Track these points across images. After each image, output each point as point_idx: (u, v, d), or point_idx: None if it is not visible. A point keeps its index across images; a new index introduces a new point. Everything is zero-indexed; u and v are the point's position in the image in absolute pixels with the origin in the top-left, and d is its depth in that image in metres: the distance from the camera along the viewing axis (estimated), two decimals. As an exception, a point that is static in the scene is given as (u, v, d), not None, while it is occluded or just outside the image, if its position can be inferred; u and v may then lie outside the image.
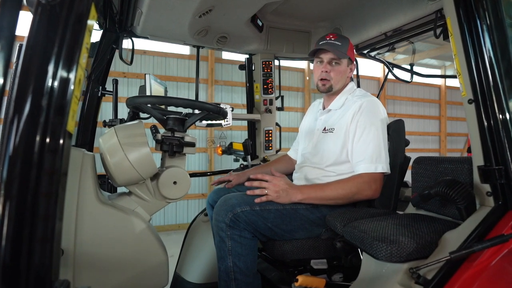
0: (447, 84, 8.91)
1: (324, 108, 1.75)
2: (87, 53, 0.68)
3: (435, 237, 1.04)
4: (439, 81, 8.93)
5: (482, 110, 1.03)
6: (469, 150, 1.79)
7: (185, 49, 6.03)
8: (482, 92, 1.03)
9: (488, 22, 1.02)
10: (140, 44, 5.58)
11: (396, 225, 1.14)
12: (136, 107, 1.41)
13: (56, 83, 0.59)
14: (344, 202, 1.48)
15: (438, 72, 8.54)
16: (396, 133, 1.57)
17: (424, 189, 1.14)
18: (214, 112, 1.41)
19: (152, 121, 1.49)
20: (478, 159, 1.06)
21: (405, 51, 3.01)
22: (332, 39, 1.61)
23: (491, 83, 1.01)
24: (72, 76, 0.61)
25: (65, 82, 0.60)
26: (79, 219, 1.12)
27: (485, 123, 1.03)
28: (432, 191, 1.10)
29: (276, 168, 1.92)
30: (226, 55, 6.27)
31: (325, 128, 1.65)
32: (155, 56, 5.82)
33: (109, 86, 2.05)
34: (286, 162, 2.00)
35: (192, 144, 1.37)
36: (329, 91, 1.66)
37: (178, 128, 1.38)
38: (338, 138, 1.56)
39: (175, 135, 1.34)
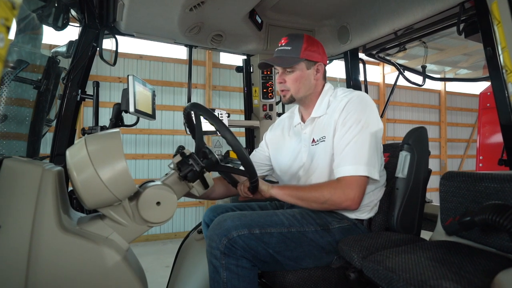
0: (447, 90, 8.78)
1: (304, 121, 1.53)
2: (6, 33, 0.47)
3: (486, 280, 0.81)
4: (439, 87, 8.78)
5: None
6: (501, 163, 1.55)
7: (182, 54, 5.87)
8: None
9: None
10: (137, 48, 5.46)
11: (431, 260, 0.91)
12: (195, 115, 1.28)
13: None
14: (318, 207, 1.30)
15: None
16: (417, 143, 1.34)
17: (464, 214, 0.92)
18: (247, 172, 1.26)
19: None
20: None
21: (404, 56, 2.82)
22: (283, 44, 1.44)
23: None
24: None
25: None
26: (34, 253, 0.90)
27: None
28: (476, 218, 0.88)
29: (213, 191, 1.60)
30: (223, 59, 6.10)
31: (313, 140, 1.43)
32: (152, 61, 5.66)
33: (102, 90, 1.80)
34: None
35: (205, 184, 1.23)
36: (291, 102, 1.48)
37: (208, 162, 1.23)
38: (328, 146, 1.36)
39: (202, 163, 1.20)
